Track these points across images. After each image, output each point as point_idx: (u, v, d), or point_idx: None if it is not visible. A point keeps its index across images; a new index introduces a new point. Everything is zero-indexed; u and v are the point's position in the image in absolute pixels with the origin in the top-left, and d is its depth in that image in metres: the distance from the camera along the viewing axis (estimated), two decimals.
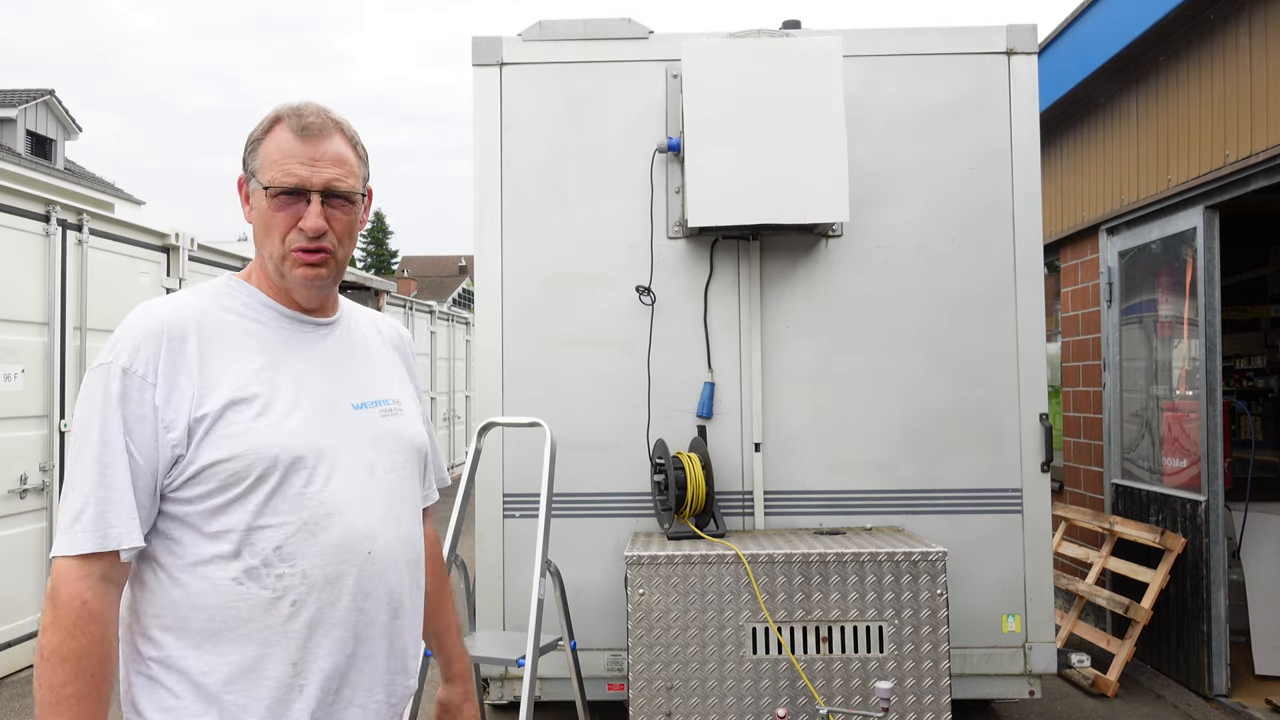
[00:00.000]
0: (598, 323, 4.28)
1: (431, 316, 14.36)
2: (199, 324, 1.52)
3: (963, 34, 4.32)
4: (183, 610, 1.47)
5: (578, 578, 4.12)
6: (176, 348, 1.49)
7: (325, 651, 1.52)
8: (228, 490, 1.47)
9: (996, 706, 4.69)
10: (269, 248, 1.58)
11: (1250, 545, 5.12)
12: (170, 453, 1.46)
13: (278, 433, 1.50)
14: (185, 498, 1.47)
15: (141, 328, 1.49)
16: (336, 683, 1.54)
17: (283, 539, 1.48)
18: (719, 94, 3.96)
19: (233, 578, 1.47)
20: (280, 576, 1.48)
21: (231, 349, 1.53)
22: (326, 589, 1.51)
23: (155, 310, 1.52)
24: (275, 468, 1.48)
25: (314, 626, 1.51)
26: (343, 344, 1.68)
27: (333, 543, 1.52)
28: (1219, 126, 4.73)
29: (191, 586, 1.47)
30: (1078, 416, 6.44)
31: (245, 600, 1.47)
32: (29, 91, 22.71)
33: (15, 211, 5.42)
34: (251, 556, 1.47)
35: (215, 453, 1.46)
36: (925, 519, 4.21)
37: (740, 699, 3.64)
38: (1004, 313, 4.26)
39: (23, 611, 5.46)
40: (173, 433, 1.46)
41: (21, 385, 5.42)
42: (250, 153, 1.60)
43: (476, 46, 4.34)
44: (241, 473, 1.47)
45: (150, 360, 1.47)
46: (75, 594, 1.40)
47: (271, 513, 1.48)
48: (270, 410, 1.51)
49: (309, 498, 1.51)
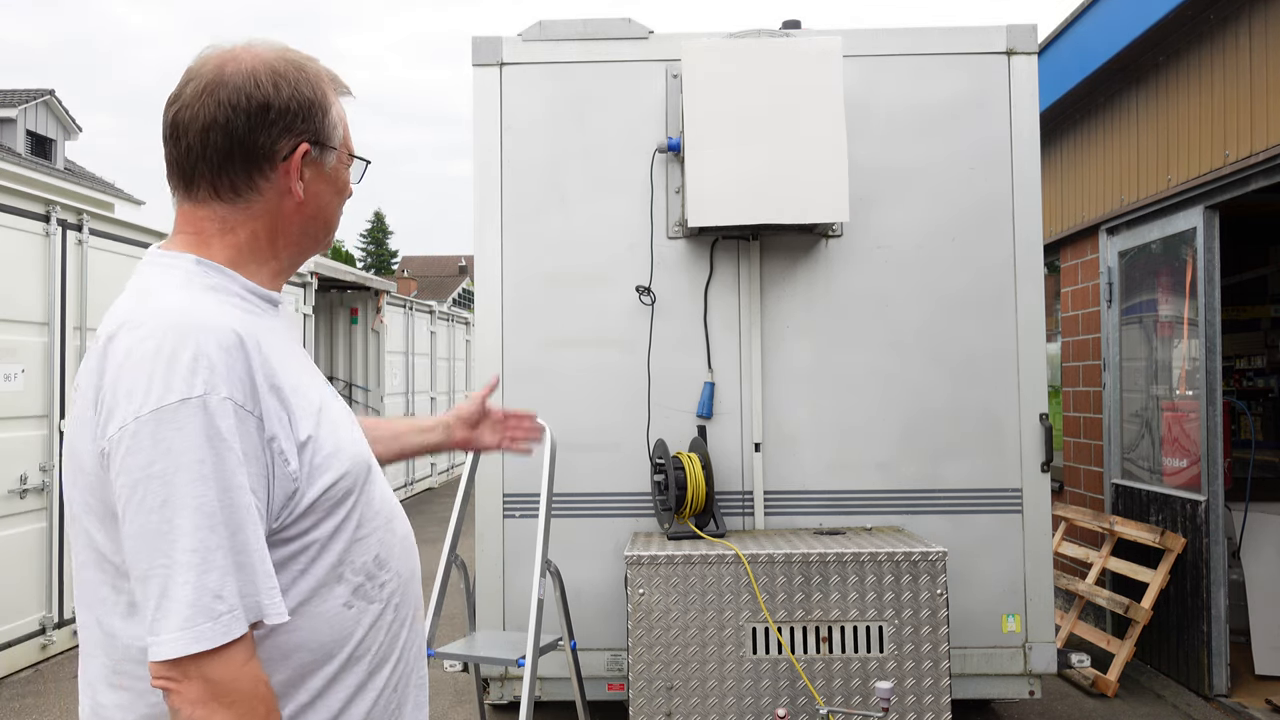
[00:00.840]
0: (598, 323, 4.28)
1: (431, 316, 14.35)
2: (254, 327, 1.27)
3: (963, 34, 4.32)
4: (295, 656, 1.26)
5: (578, 578, 4.12)
6: (260, 361, 1.23)
7: (408, 642, 1.44)
8: (336, 513, 1.29)
9: (996, 706, 4.69)
10: (325, 222, 1.41)
11: (1250, 545, 5.12)
12: (289, 487, 1.23)
13: (356, 436, 1.37)
14: (292, 535, 1.26)
15: (221, 343, 1.19)
16: (419, 665, 1.47)
17: (378, 547, 1.36)
18: (719, 94, 3.96)
19: (343, 603, 1.30)
20: (383, 585, 1.36)
21: (274, 350, 1.28)
22: (411, 582, 1.43)
23: (210, 316, 1.23)
24: (364, 474, 1.35)
25: (406, 620, 1.42)
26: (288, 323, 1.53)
27: (404, 533, 1.44)
28: (1219, 126, 4.73)
29: (300, 628, 1.26)
30: (1078, 416, 6.44)
31: (359, 621, 1.32)
32: (29, 91, 22.73)
33: (15, 211, 5.42)
34: (354, 574, 1.32)
35: (328, 475, 1.27)
36: (925, 519, 4.21)
37: (740, 699, 3.64)
38: (1004, 313, 4.26)
39: (23, 611, 5.46)
40: (291, 465, 1.23)
41: (21, 385, 5.42)
42: (318, 115, 1.35)
43: (476, 46, 4.34)
44: (350, 489, 1.30)
45: (246, 384, 1.20)
46: (256, 679, 1.17)
47: (365, 523, 1.34)
48: (332, 412, 1.35)
49: (379, 494, 1.39)
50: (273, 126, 1.31)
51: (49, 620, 5.62)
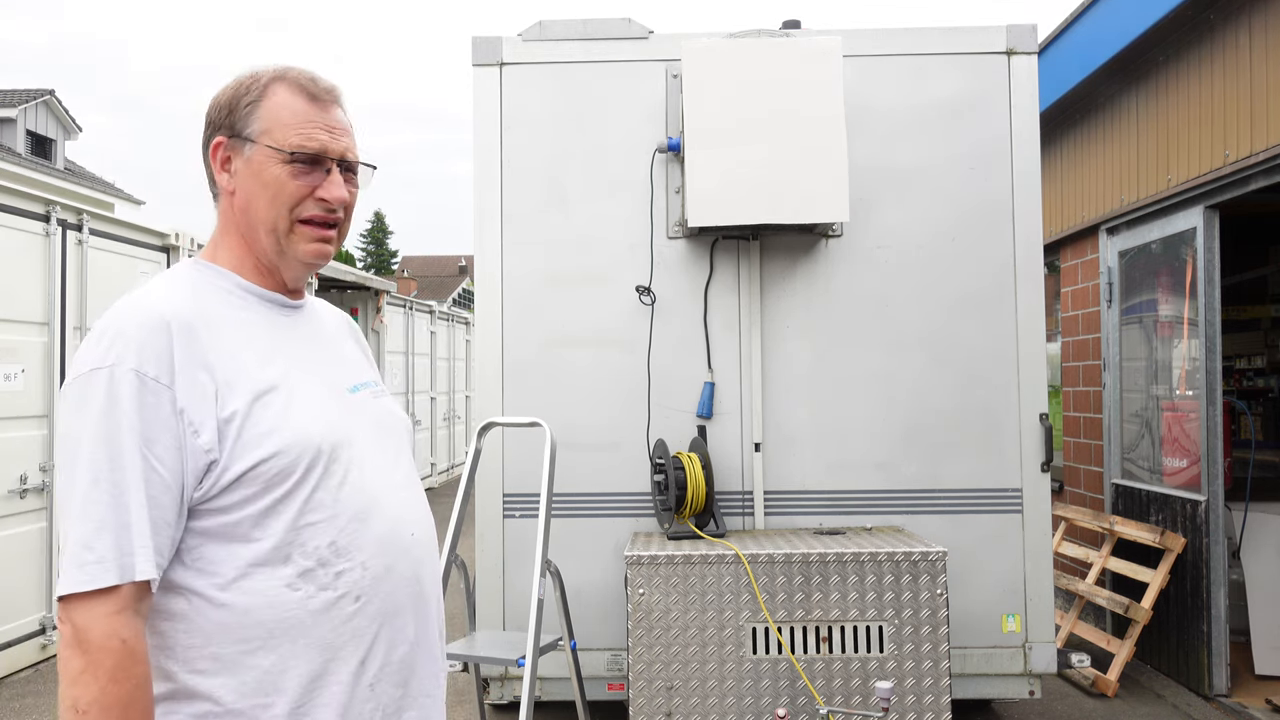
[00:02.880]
0: (598, 323, 4.28)
1: (431, 316, 14.35)
2: (198, 313, 1.37)
3: (963, 34, 4.32)
4: (235, 631, 1.32)
5: (578, 578, 4.12)
6: (186, 341, 1.32)
7: (391, 643, 1.43)
8: (271, 491, 1.34)
9: (996, 706, 4.69)
10: (271, 219, 1.43)
11: (1250, 545, 5.12)
12: (203, 459, 1.31)
13: (312, 421, 1.39)
14: (221, 507, 1.33)
15: (142, 323, 1.32)
16: (406, 674, 1.45)
17: (335, 534, 1.38)
18: (719, 94, 3.96)
19: (286, 584, 1.34)
20: (340, 574, 1.37)
21: (232, 338, 1.39)
22: (386, 578, 1.42)
23: (148, 303, 1.35)
24: (319, 458, 1.37)
25: (381, 618, 1.41)
26: (317, 327, 1.58)
27: (383, 530, 1.43)
28: (1219, 126, 4.73)
29: (239, 604, 1.32)
30: (1078, 416, 6.44)
31: (305, 606, 1.35)
32: (29, 91, 22.73)
33: (15, 211, 5.42)
34: (304, 558, 1.35)
35: (257, 452, 1.33)
36: (925, 519, 4.21)
37: (740, 699, 3.64)
38: (1004, 313, 4.26)
39: (23, 611, 5.46)
40: (202, 436, 1.31)
41: (21, 385, 5.42)
42: (245, 113, 1.43)
43: (476, 46, 4.34)
44: (288, 469, 1.34)
45: (161, 359, 1.30)
46: (112, 632, 1.22)
47: (319, 508, 1.37)
48: (294, 399, 1.39)
49: (351, 486, 1.41)
50: (209, 126, 1.47)
51: (49, 620, 5.61)
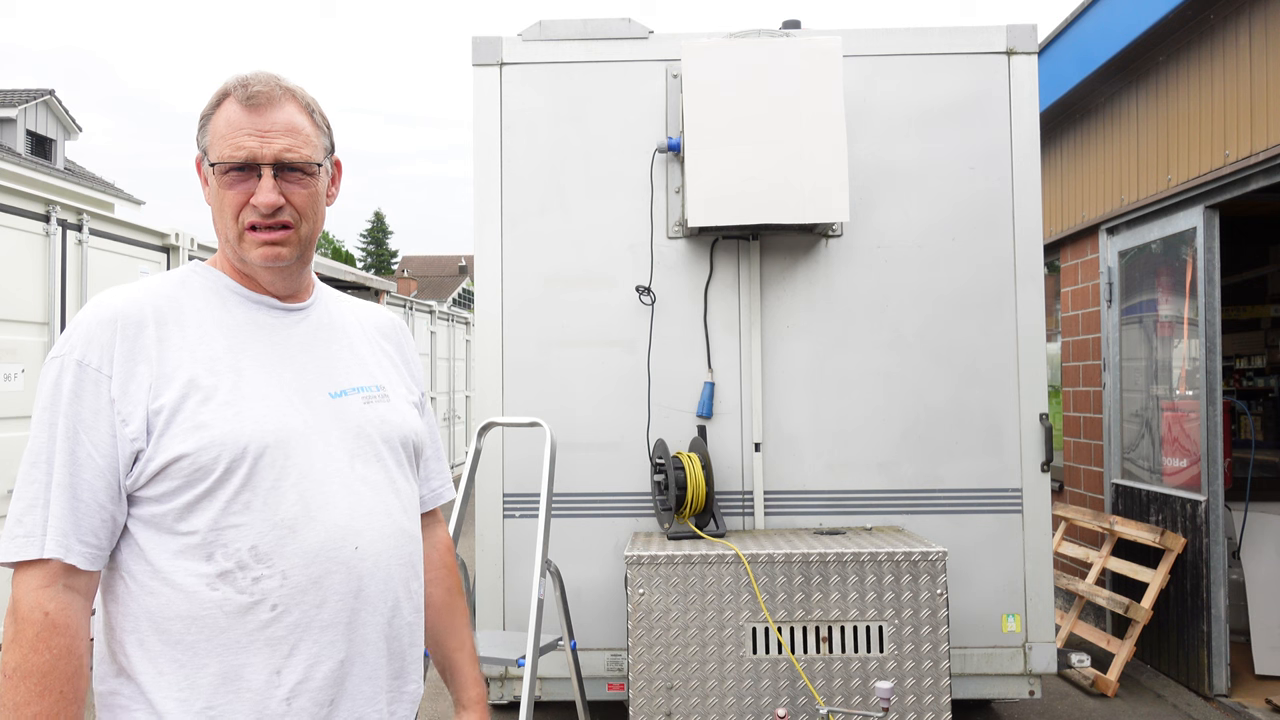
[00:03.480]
0: (598, 322, 4.28)
1: (431, 316, 14.35)
2: (156, 310, 1.42)
3: (963, 34, 4.32)
4: (158, 620, 1.36)
5: (578, 578, 4.12)
6: (132, 335, 1.38)
7: (315, 658, 1.40)
8: (193, 487, 1.36)
9: (996, 706, 4.70)
10: (224, 228, 1.47)
11: (1250, 545, 5.12)
12: (129, 448, 1.35)
13: (243, 422, 1.39)
14: (151, 496, 1.37)
15: (95, 317, 1.39)
16: (332, 692, 1.42)
17: (256, 538, 1.37)
18: (719, 94, 3.96)
19: (206, 583, 1.35)
20: (258, 580, 1.36)
21: (192, 336, 1.42)
22: (312, 590, 1.39)
23: (110, 299, 1.43)
24: (243, 460, 1.37)
25: (300, 631, 1.39)
26: (317, 330, 1.56)
27: (315, 541, 1.40)
28: (1219, 126, 4.73)
29: (163, 594, 1.36)
30: (1078, 416, 6.44)
31: (221, 607, 1.35)
32: (29, 91, 22.73)
33: (15, 211, 5.42)
34: (225, 559, 1.36)
35: (177, 446, 1.35)
36: (925, 519, 4.21)
37: (740, 699, 3.64)
38: (1004, 313, 4.26)
39: None
40: (130, 426, 1.35)
41: (21, 385, 5.42)
42: (201, 130, 1.49)
43: (476, 46, 4.34)
44: (207, 466, 1.35)
45: (104, 351, 1.37)
46: (36, 605, 1.30)
47: (243, 510, 1.37)
48: (235, 399, 1.40)
49: (283, 492, 1.39)
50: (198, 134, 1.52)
51: None
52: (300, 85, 1.52)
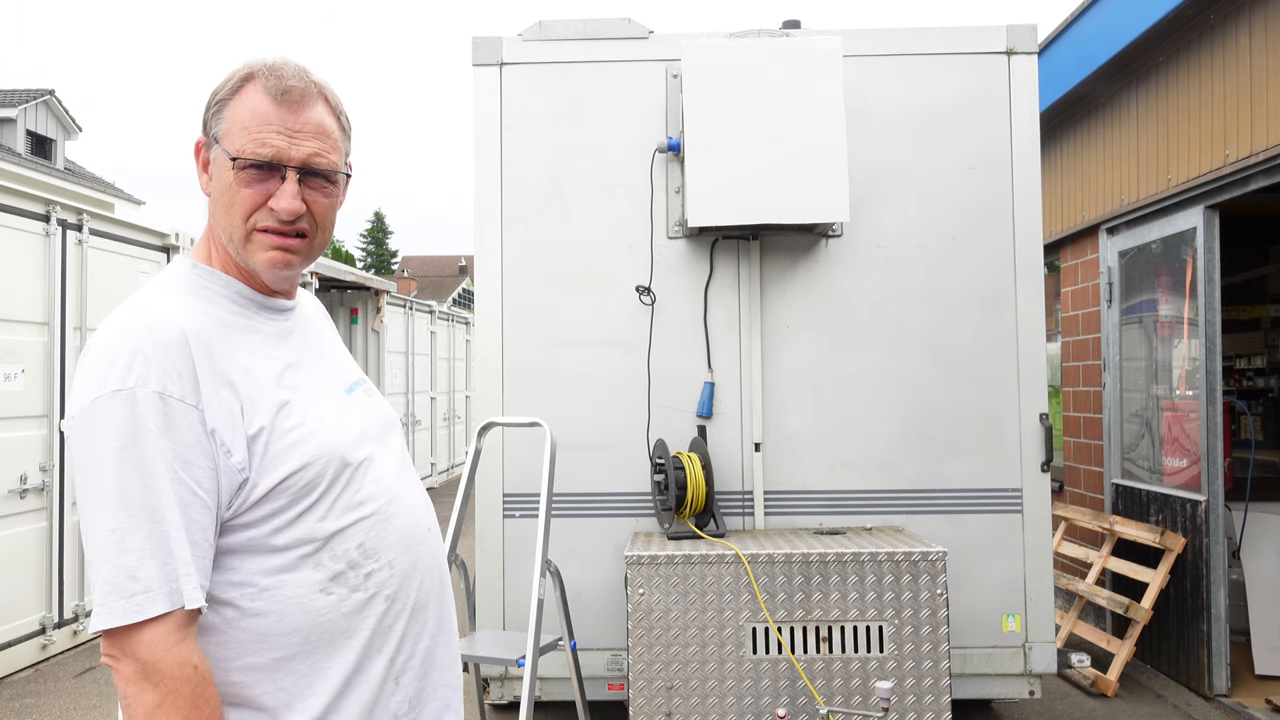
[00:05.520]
0: (598, 323, 4.28)
1: (431, 316, 14.35)
2: (211, 325, 1.34)
3: (963, 34, 4.32)
4: (268, 639, 1.31)
5: (578, 578, 4.12)
6: (206, 358, 1.29)
7: (417, 636, 1.45)
8: (300, 501, 1.33)
9: (996, 706, 4.69)
10: (228, 226, 1.37)
11: (1250, 545, 5.12)
12: (236, 478, 1.28)
13: (333, 430, 1.39)
14: (249, 521, 1.31)
15: (159, 341, 1.26)
16: (427, 666, 1.47)
17: (364, 535, 1.38)
18: (719, 94, 3.96)
19: (320, 589, 1.34)
20: (370, 574, 1.38)
21: (243, 349, 1.36)
22: (412, 575, 1.44)
23: (161, 317, 1.29)
24: (345, 466, 1.38)
25: (408, 615, 1.43)
26: (307, 328, 1.55)
27: (404, 528, 1.44)
28: (1219, 126, 4.73)
29: (271, 613, 1.31)
30: (1078, 416, 6.44)
31: (339, 608, 1.35)
32: (29, 91, 22.73)
33: (15, 211, 5.42)
34: (334, 561, 1.35)
35: (285, 466, 1.31)
36: (925, 519, 4.21)
37: (740, 699, 3.64)
38: (1004, 313, 4.26)
39: (23, 611, 5.46)
40: (235, 455, 1.28)
41: (21, 385, 5.42)
42: (214, 113, 1.38)
43: (476, 46, 4.34)
44: (315, 480, 1.33)
45: (184, 378, 1.26)
46: (183, 660, 1.21)
47: (345, 511, 1.37)
48: (310, 409, 1.38)
49: (369, 488, 1.41)
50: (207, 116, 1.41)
51: (49, 620, 5.62)
52: (327, 82, 1.43)
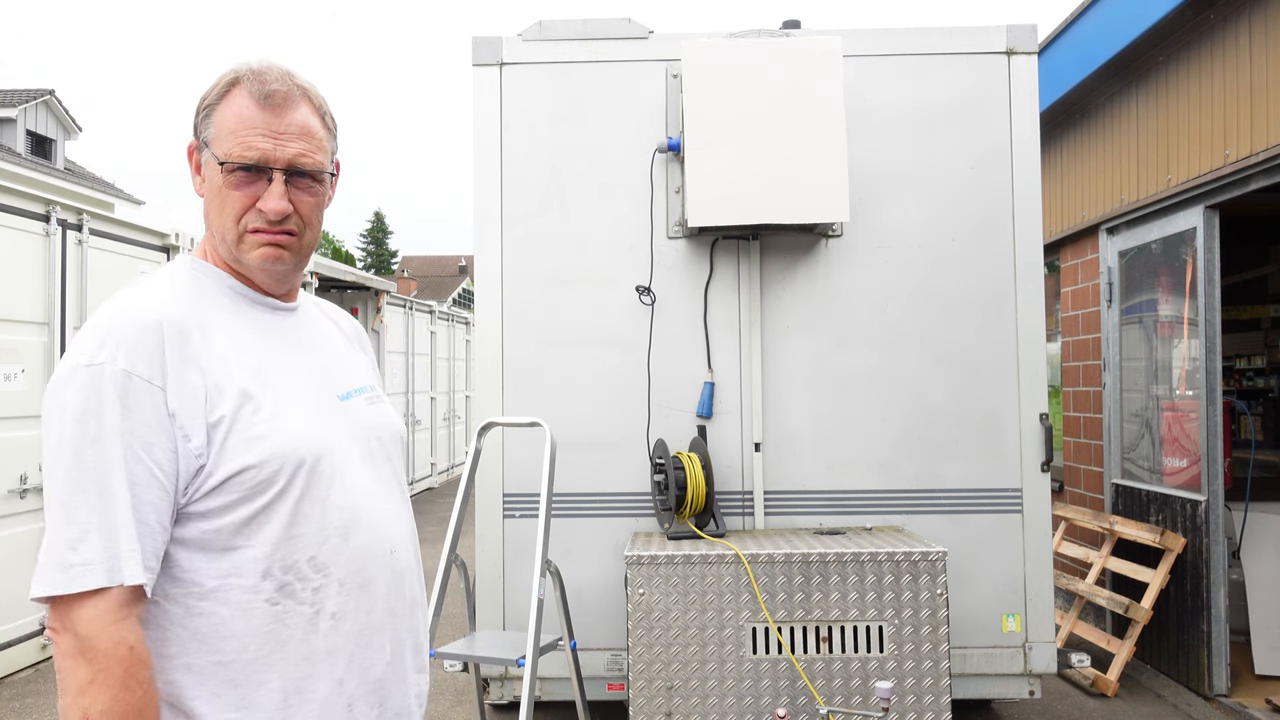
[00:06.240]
0: (598, 323, 4.28)
1: (431, 316, 14.35)
2: (195, 314, 1.35)
3: (963, 34, 4.32)
4: (209, 641, 1.30)
5: (578, 578, 4.12)
6: (178, 344, 1.30)
7: (369, 661, 1.41)
8: (251, 501, 1.31)
9: (996, 706, 4.69)
10: (221, 228, 1.41)
11: (1250, 545, 5.12)
12: (194, 464, 1.28)
13: (293, 431, 1.35)
14: (201, 513, 1.30)
15: (134, 323, 1.29)
16: (382, 693, 1.43)
17: (315, 548, 1.35)
18: (719, 94, 3.96)
19: (265, 599, 1.31)
20: (317, 589, 1.35)
21: (224, 340, 1.36)
22: (362, 595, 1.39)
23: (144, 303, 1.33)
24: (301, 470, 1.34)
25: (356, 636, 1.39)
26: (310, 332, 1.54)
27: (361, 545, 1.40)
28: (1219, 126, 4.73)
29: (215, 614, 1.30)
30: (1078, 416, 6.44)
31: (283, 620, 1.32)
32: (29, 91, 22.73)
33: (15, 211, 5.42)
34: (283, 572, 1.32)
35: (240, 459, 1.30)
36: (925, 519, 4.21)
37: (740, 699, 3.64)
38: (1004, 313, 4.26)
39: (23, 611, 5.46)
40: (193, 440, 1.28)
41: (21, 385, 5.42)
42: (203, 118, 1.41)
43: (476, 46, 4.33)
44: (268, 480, 1.31)
45: (153, 360, 1.27)
46: (119, 639, 1.21)
47: (301, 520, 1.34)
48: (281, 407, 1.36)
49: (333, 499, 1.38)
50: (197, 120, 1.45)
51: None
52: (311, 83, 1.46)
